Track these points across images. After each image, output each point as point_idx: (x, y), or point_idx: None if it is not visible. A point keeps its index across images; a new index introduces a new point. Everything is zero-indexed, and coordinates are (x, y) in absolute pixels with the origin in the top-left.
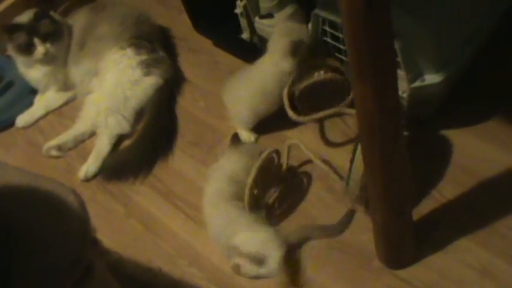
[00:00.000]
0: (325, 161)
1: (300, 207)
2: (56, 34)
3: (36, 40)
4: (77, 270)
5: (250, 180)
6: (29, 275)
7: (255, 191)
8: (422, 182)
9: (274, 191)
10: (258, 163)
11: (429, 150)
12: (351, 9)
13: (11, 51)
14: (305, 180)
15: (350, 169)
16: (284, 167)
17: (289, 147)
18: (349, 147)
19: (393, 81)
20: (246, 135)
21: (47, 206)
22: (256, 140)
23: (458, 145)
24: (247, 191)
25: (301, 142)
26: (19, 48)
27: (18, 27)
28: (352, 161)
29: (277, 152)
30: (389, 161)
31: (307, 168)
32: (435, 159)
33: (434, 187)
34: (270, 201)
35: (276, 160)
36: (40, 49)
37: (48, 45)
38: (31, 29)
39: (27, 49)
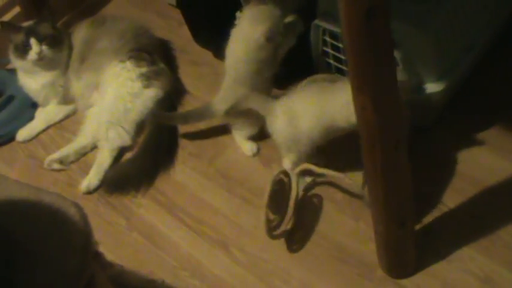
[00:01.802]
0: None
1: (318, 228)
2: (55, 39)
3: (32, 40)
4: (79, 283)
5: (264, 205)
6: None
7: (272, 217)
8: (424, 191)
9: (291, 216)
10: (268, 188)
11: (430, 159)
12: (351, 20)
13: (11, 55)
14: (315, 199)
15: (364, 174)
16: (295, 192)
17: (298, 174)
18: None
19: (393, 92)
20: (247, 148)
21: (49, 219)
22: (258, 150)
23: (459, 154)
24: (262, 218)
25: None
26: (16, 49)
27: (18, 29)
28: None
29: (286, 173)
30: (391, 171)
31: (310, 187)
32: (436, 168)
33: (436, 196)
34: (289, 227)
35: (287, 183)
36: (35, 48)
37: (44, 47)
38: (29, 30)
39: (24, 50)
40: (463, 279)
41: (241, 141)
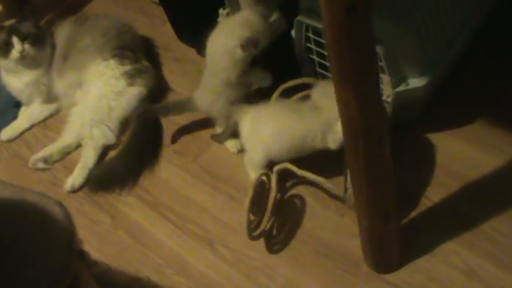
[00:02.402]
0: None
1: (302, 224)
2: (37, 37)
3: (14, 38)
4: (63, 282)
5: (246, 209)
6: None
7: (252, 218)
8: (408, 186)
9: (271, 217)
10: (250, 191)
11: (414, 154)
12: (332, 16)
13: None
14: (299, 195)
15: (346, 175)
16: (274, 193)
17: (278, 173)
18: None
19: (375, 87)
20: (231, 145)
21: (32, 218)
22: (242, 147)
23: (443, 148)
24: (244, 220)
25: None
26: None
27: (0, 28)
28: (346, 167)
29: (267, 175)
30: (374, 166)
31: (294, 183)
32: (420, 163)
33: (420, 191)
34: (268, 227)
35: (267, 183)
36: (17, 47)
37: (26, 45)
38: (11, 29)
39: (6, 49)
40: (447, 273)
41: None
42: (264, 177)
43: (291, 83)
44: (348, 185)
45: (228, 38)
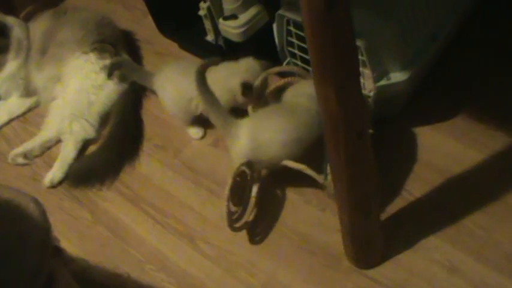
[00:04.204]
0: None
1: (283, 219)
2: None
3: None
4: (38, 281)
5: (225, 198)
6: None
7: (233, 209)
8: (390, 181)
9: (252, 208)
10: (229, 181)
11: (396, 149)
12: (311, 9)
13: None
14: (280, 190)
15: (325, 164)
16: (258, 184)
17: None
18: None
19: (356, 81)
20: (193, 132)
21: (7, 215)
22: (204, 134)
23: (424, 143)
24: (224, 211)
25: None
26: None
27: None
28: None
29: (250, 165)
30: (354, 161)
31: (275, 177)
32: (402, 157)
33: (401, 185)
34: (251, 219)
35: (249, 174)
36: None
37: None
38: None
39: None
40: (429, 268)
41: (187, 126)
42: (244, 167)
43: (276, 69)
44: (328, 172)
45: (232, 81)
